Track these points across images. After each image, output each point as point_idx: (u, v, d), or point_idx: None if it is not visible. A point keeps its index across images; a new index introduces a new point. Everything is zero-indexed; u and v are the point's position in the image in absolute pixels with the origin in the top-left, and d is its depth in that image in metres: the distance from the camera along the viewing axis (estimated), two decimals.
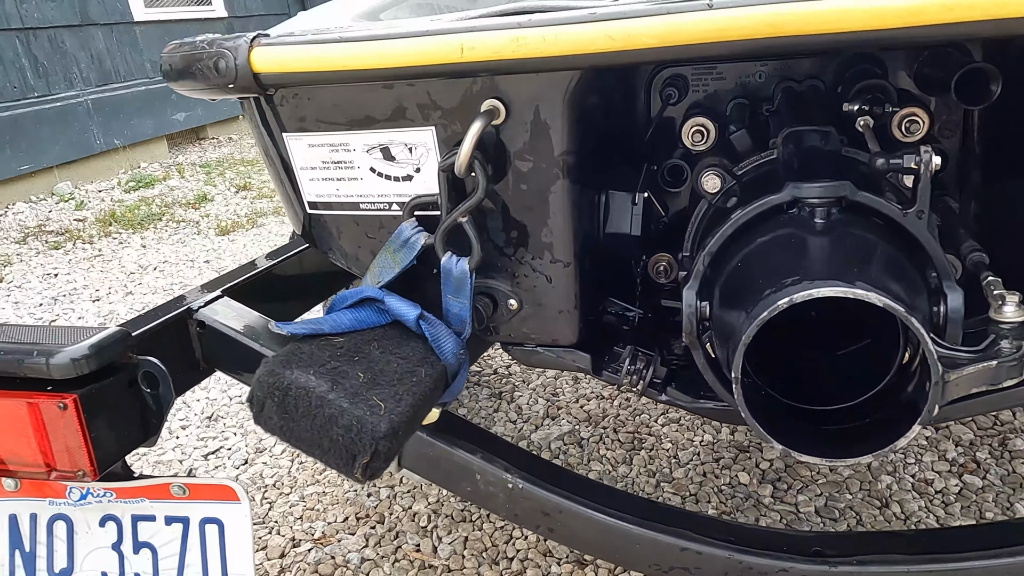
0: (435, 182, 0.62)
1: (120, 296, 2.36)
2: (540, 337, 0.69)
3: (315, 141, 0.64)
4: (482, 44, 0.51)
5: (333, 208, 0.68)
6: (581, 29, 0.49)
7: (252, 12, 5.40)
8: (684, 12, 0.47)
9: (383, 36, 0.54)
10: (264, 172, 4.03)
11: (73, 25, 3.95)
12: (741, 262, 0.57)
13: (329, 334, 0.61)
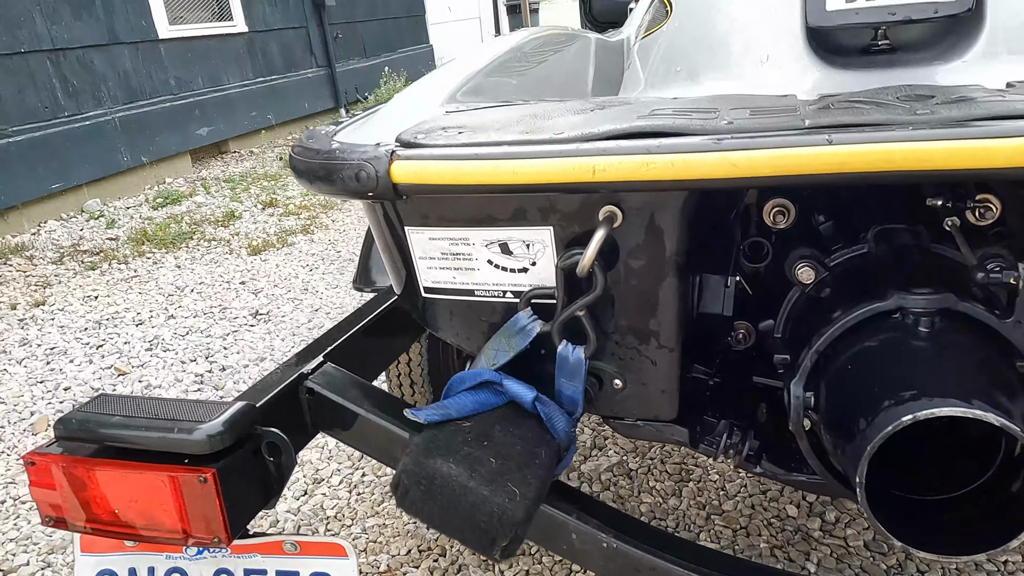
0: (549, 274, 0.67)
1: (162, 320, 2.42)
2: (641, 413, 0.73)
3: (436, 235, 0.69)
4: (613, 167, 0.55)
5: (448, 293, 0.73)
6: (707, 158, 0.53)
7: (271, 26, 5.46)
8: (805, 146, 0.51)
9: (517, 155, 0.58)
10: (289, 188, 4.09)
11: (101, 44, 4.01)
12: (850, 364, 0.61)
13: (456, 418, 0.66)
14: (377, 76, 6.91)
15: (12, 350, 2.25)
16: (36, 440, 1.75)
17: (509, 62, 1.00)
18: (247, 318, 2.40)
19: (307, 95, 5.86)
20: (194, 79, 4.69)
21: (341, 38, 6.34)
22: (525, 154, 0.59)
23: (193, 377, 1.99)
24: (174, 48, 4.53)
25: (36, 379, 2.04)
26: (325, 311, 2.43)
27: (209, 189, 4.15)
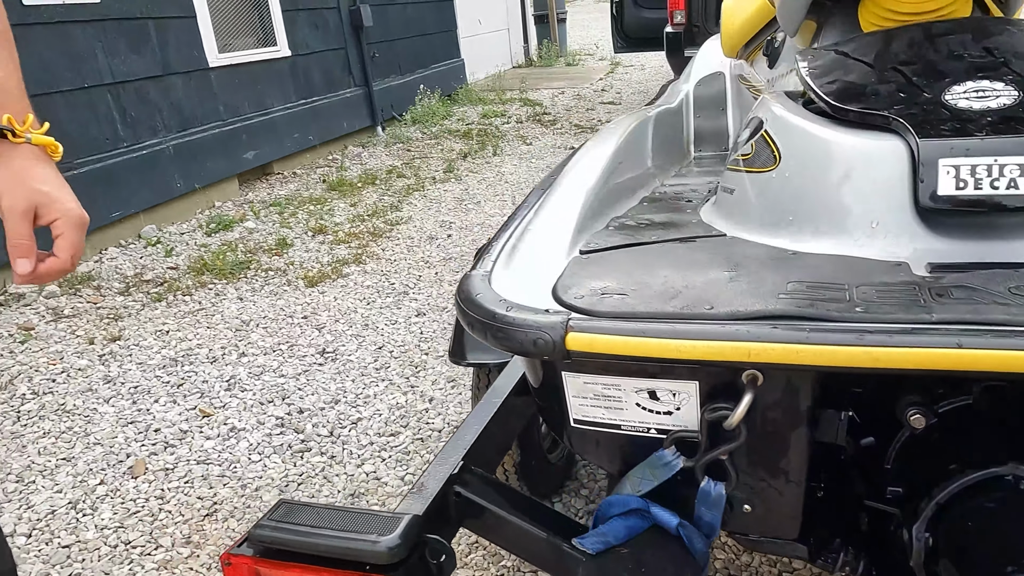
0: (692, 419, 0.76)
1: (235, 357, 2.54)
2: (765, 531, 0.83)
3: (590, 380, 0.79)
4: (766, 352, 0.65)
5: (596, 426, 0.82)
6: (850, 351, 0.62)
7: (313, 49, 5.58)
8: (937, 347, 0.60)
9: (680, 334, 0.68)
10: (335, 214, 4.21)
11: (156, 76, 4.15)
12: (970, 521, 0.70)
13: (615, 545, 0.76)
14: (411, 93, 7.04)
15: (98, 388, 2.38)
16: (137, 484, 1.87)
17: (615, 167, 1.09)
18: (315, 356, 2.51)
19: (346, 114, 5.99)
20: (241, 104, 4.83)
21: (378, 57, 6.46)
22: (687, 334, 0.68)
23: (274, 420, 2.11)
24: (223, 75, 4.67)
25: (126, 420, 2.17)
26: (388, 349, 2.54)
27: (258, 214, 4.28)
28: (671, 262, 0.84)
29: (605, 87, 8.31)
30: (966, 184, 0.72)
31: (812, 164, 0.84)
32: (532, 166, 5.04)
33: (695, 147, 2.06)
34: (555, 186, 1.13)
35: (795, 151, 0.86)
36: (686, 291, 0.75)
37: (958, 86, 0.80)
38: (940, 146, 0.74)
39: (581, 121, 6.45)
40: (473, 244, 3.60)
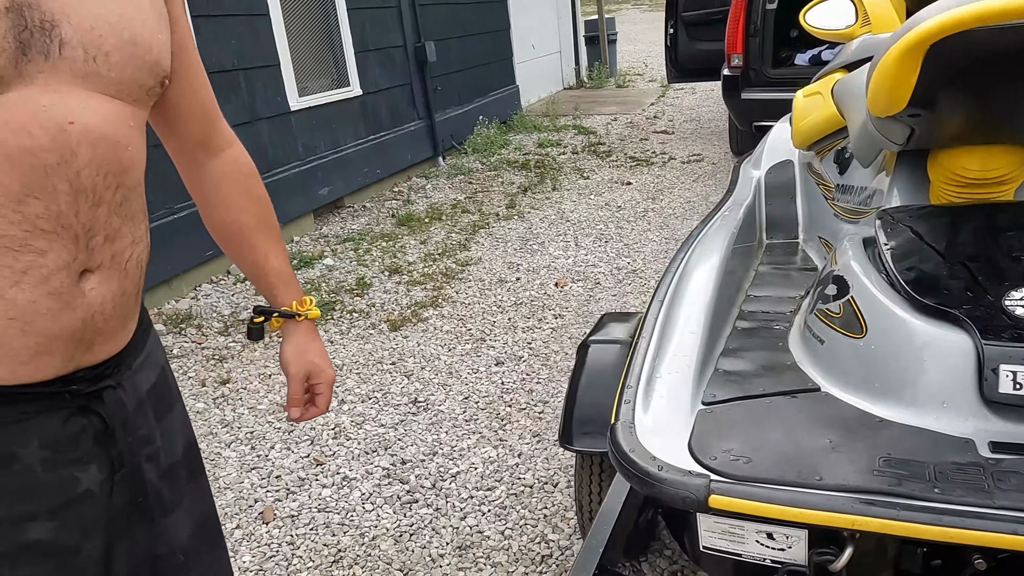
0: (801, 554, 0.97)
1: (335, 404, 2.80)
2: None
3: (720, 520, 1.00)
4: (867, 523, 0.85)
5: (721, 551, 1.03)
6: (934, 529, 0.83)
7: (381, 87, 5.87)
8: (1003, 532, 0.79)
9: (801, 503, 0.89)
10: (407, 252, 4.47)
11: (245, 123, 4.47)
12: None
13: None
14: (470, 122, 7.30)
15: (218, 432, 2.66)
16: (268, 529, 2.13)
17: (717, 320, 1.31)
18: (408, 406, 2.76)
19: (410, 147, 6.27)
20: (317, 144, 5.13)
21: (440, 90, 6.73)
22: (804, 503, 0.89)
23: (381, 471, 2.36)
24: (302, 118, 4.98)
25: (249, 465, 2.44)
26: (474, 400, 2.77)
27: (335, 251, 4.57)
28: (780, 421, 1.05)
29: (657, 113, 8.48)
30: (1022, 386, 0.91)
31: (895, 343, 1.04)
32: (591, 203, 5.24)
33: (767, 233, 2.25)
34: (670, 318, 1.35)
35: (880, 328, 1.06)
36: (797, 458, 0.96)
37: (1016, 292, 0.99)
38: (1002, 352, 0.93)
39: (636, 153, 6.64)
40: (541, 288, 3.83)
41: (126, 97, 0.81)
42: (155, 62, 0.82)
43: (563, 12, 10.47)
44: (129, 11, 0.79)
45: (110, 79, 0.78)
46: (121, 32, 0.78)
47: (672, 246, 4.29)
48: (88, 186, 0.76)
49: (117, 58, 0.78)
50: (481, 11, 7.70)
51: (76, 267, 0.77)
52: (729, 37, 5.29)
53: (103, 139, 0.77)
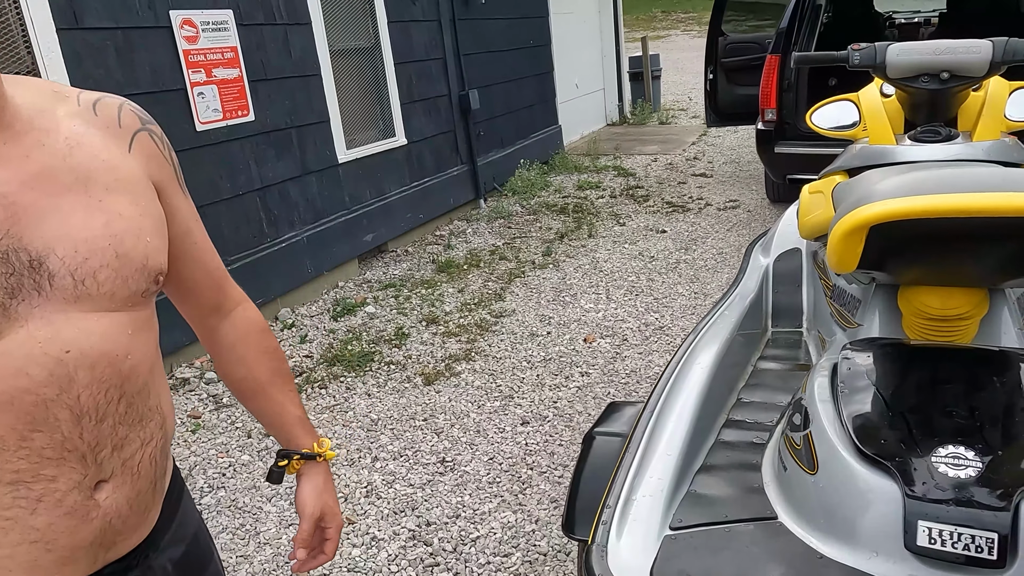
0: None
1: (368, 461, 2.99)
2: None
3: None
4: None
5: None
6: None
7: (425, 135, 6.13)
8: None
9: None
10: (445, 302, 4.67)
11: (296, 177, 4.75)
12: None
13: None
14: (512, 164, 7.52)
15: (261, 485, 2.88)
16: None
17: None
18: (436, 465, 2.94)
19: (452, 191, 6.50)
20: (363, 193, 5.40)
21: (483, 135, 6.97)
22: None
23: (407, 532, 2.54)
24: (349, 169, 5.25)
25: (287, 521, 2.64)
26: (498, 461, 2.94)
27: (377, 299, 4.79)
28: (735, 552, 1.18)
29: (698, 154, 8.57)
30: (936, 542, 1.03)
31: (839, 484, 1.16)
32: (625, 252, 5.38)
33: (773, 321, 2.37)
34: (659, 422, 1.49)
35: (829, 469, 1.19)
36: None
37: (943, 448, 1.11)
38: (921, 507, 1.05)
39: (673, 197, 6.75)
40: (570, 343, 3.98)
41: (121, 307, 0.83)
42: (146, 267, 0.84)
43: (607, 50, 10.66)
44: (116, 226, 0.82)
45: (101, 296, 0.80)
46: (106, 250, 0.80)
47: (701, 302, 4.40)
48: (90, 407, 0.79)
49: (106, 275, 0.80)
50: (525, 56, 7.93)
51: (87, 483, 0.80)
52: (763, 91, 5.39)
53: (101, 358, 0.80)
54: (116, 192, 0.84)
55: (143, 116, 0.95)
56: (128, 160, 0.89)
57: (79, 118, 0.87)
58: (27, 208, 0.77)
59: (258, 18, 4.39)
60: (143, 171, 0.90)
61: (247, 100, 4.32)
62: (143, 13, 3.70)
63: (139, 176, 0.89)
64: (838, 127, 2.26)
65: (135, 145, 0.90)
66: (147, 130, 0.94)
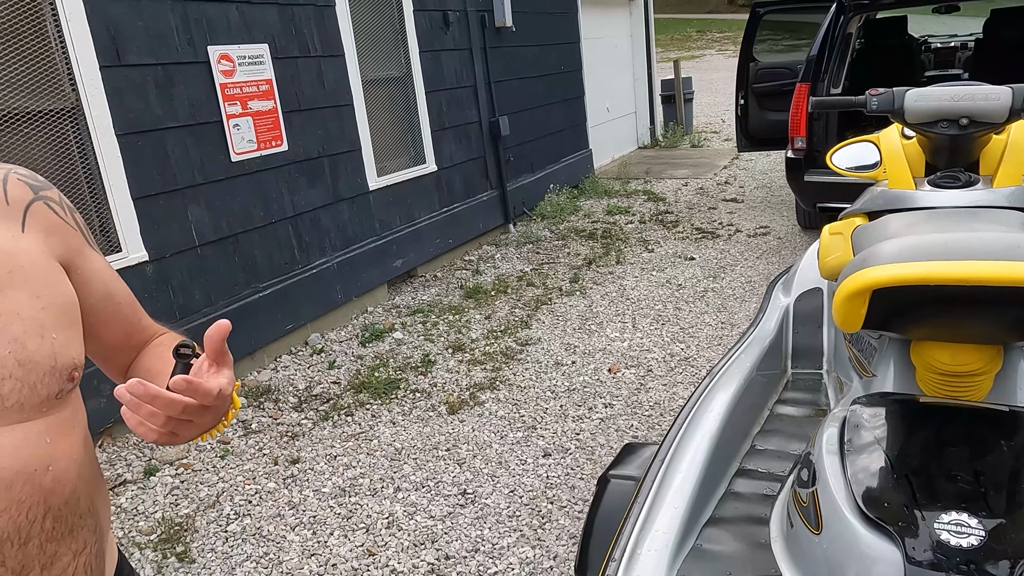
0: None
1: (391, 491, 3.02)
2: None
3: None
4: None
5: None
6: None
7: (456, 162, 6.21)
8: None
9: None
10: (471, 329, 4.71)
11: (327, 204, 4.84)
12: None
13: None
14: (542, 188, 7.57)
15: (285, 513, 2.93)
16: None
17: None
18: (457, 497, 2.96)
19: (481, 216, 6.56)
20: (393, 219, 5.48)
21: (512, 160, 7.03)
22: None
23: (426, 565, 2.56)
24: (380, 196, 5.34)
25: (309, 551, 2.69)
26: (519, 494, 2.95)
27: (405, 324, 4.85)
28: None
29: (728, 179, 8.54)
30: None
31: (843, 547, 1.16)
32: (653, 279, 5.37)
33: (793, 362, 2.36)
34: (671, 468, 1.50)
35: (833, 530, 1.19)
36: None
37: (945, 515, 1.10)
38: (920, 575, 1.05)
39: (703, 223, 6.73)
40: (594, 373, 3.98)
41: (32, 416, 0.73)
42: (55, 368, 0.75)
43: (640, 74, 10.69)
44: (13, 329, 0.72)
45: (7, 409, 0.71)
46: (6, 359, 0.71)
47: (727, 332, 4.38)
48: (11, 531, 0.71)
49: (10, 387, 0.71)
50: (555, 81, 8.00)
51: None
52: (792, 119, 5.37)
53: (17, 476, 0.71)
54: (11, 287, 0.74)
55: (35, 183, 0.84)
56: (23, 241, 0.77)
57: None
58: None
59: (293, 51, 4.52)
60: (42, 250, 0.79)
61: (281, 130, 4.44)
62: (183, 49, 3.83)
63: (38, 259, 0.78)
64: (859, 167, 2.25)
65: (29, 220, 0.79)
66: (41, 199, 0.82)
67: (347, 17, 4.92)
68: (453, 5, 6.11)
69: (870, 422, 1.32)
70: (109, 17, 3.46)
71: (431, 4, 5.81)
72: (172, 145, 3.79)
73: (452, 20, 6.07)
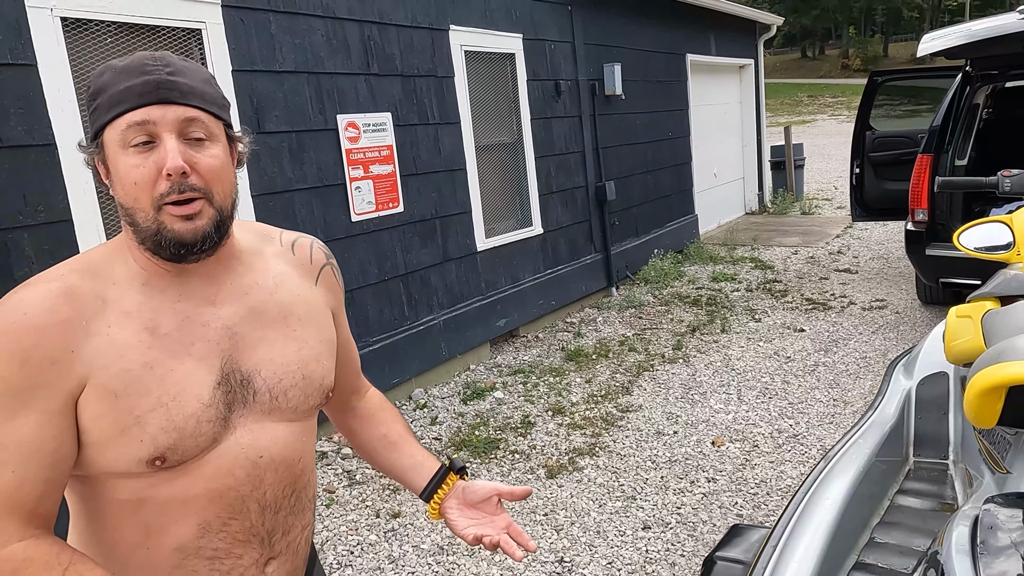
0: None
1: (487, 554, 3.03)
2: None
3: None
4: None
5: None
6: None
7: (561, 225, 6.31)
8: None
9: None
10: (572, 392, 4.71)
11: (437, 263, 5.01)
12: None
13: None
14: (646, 253, 7.55)
15: (385, 567, 2.98)
16: None
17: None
18: (554, 564, 2.93)
19: (584, 278, 6.61)
20: (498, 279, 5.60)
21: (617, 224, 7.08)
22: None
23: None
24: (487, 257, 5.48)
25: None
26: (617, 567, 2.89)
27: (506, 384, 4.90)
28: None
29: (842, 248, 8.26)
30: None
31: None
32: (759, 350, 5.23)
33: (915, 450, 2.24)
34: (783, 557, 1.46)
35: None
36: None
37: None
38: None
39: (813, 294, 6.52)
40: (697, 445, 3.89)
41: (300, 418, 1.04)
42: (321, 386, 1.06)
43: (748, 139, 10.60)
44: (303, 354, 1.04)
45: (288, 409, 1.02)
46: (295, 373, 1.02)
47: (840, 410, 4.19)
48: (271, 501, 1.01)
49: (294, 393, 1.02)
50: (663, 148, 8.05)
51: (262, 560, 1.02)
52: (913, 190, 5.18)
53: (283, 463, 1.01)
54: (306, 323, 1.06)
55: (327, 252, 1.16)
56: (315, 293, 1.10)
57: (282, 258, 1.08)
58: (244, 338, 0.99)
59: (412, 119, 4.77)
60: (324, 301, 1.11)
61: (398, 193, 4.67)
62: (314, 118, 4.13)
63: (321, 306, 1.10)
64: (989, 248, 2.16)
65: (321, 278, 1.12)
66: (330, 264, 1.15)
67: (464, 87, 5.17)
68: (565, 75, 6.31)
69: (1007, 523, 1.24)
70: (253, 89, 3.79)
71: (543, 74, 6.03)
72: (300, 205, 4.05)
73: (563, 89, 6.26)
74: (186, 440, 0.92)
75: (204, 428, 0.93)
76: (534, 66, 5.90)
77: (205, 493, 0.95)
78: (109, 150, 0.90)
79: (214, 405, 0.94)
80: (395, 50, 4.63)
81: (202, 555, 0.97)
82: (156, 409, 0.90)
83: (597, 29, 6.71)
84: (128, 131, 0.87)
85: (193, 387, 0.93)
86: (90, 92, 0.91)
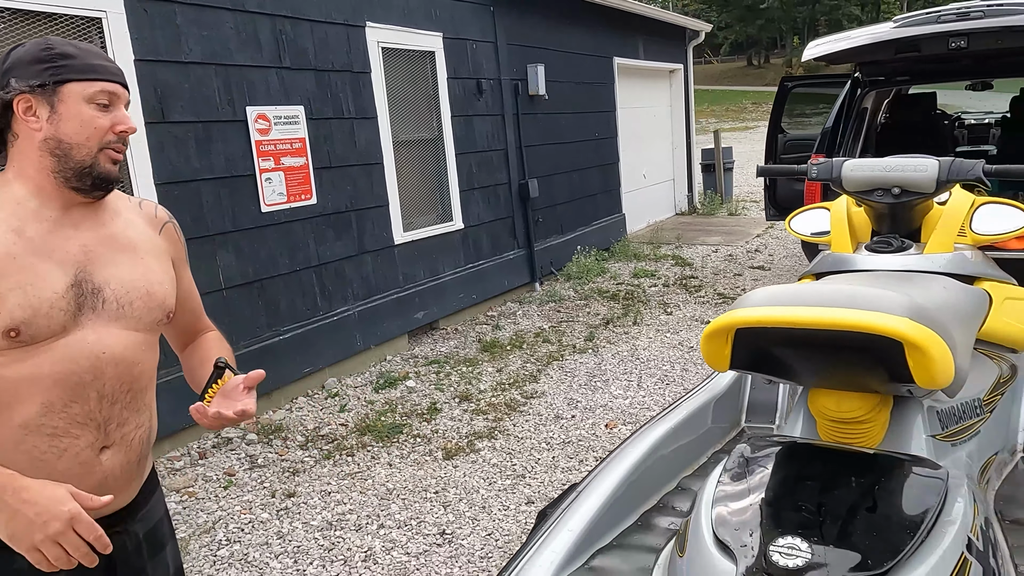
0: None
1: (375, 528, 3.15)
2: None
3: None
4: None
5: None
6: None
7: (483, 221, 6.46)
8: None
9: None
10: (482, 380, 4.85)
11: (352, 256, 5.11)
12: None
13: None
14: (571, 249, 7.75)
15: (272, 542, 3.07)
16: None
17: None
18: (436, 536, 3.06)
19: (507, 274, 6.76)
20: (417, 273, 5.72)
21: (541, 221, 7.25)
22: None
23: None
24: (405, 250, 5.59)
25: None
26: (495, 537, 3.04)
27: (420, 374, 5.02)
28: None
29: (759, 247, 8.59)
30: None
31: (695, 568, 1.26)
32: (666, 341, 5.45)
33: (747, 417, 2.43)
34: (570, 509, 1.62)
35: (692, 554, 1.28)
36: None
37: (781, 539, 1.19)
38: None
39: (726, 289, 6.79)
40: (592, 428, 4.06)
41: (142, 329, 1.27)
42: (163, 304, 1.30)
43: (678, 142, 10.92)
44: (149, 276, 1.29)
45: (132, 319, 1.24)
46: (141, 289, 1.26)
47: None
48: (109, 393, 1.21)
49: (139, 305, 1.25)
50: (589, 148, 8.27)
51: (97, 445, 1.20)
52: (808, 189, 5.47)
53: (123, 361, 1.22)
54: (151, 257, 1.31)
55: (169, 215, 1.43)
56: (158, 240, 1.36)
57: (132, 211, 1.35)
58: (99, 257, 1.22)
59: (327, 113, 4.87)
60: (165, 249, 1.37)
61: (311, 185, 4.75)
62: (223, 109, 4.19)
63: (163, 251, 1.36)
64: (814, 233, 2.38)
65: (164, 232, 1.38)
66: (171, 222, 1.42)
67: (381, 83, 5.28)
68: (488, 74, 6.46)
69: (748, 459, 1.42)
70: (157, 79, 3.84)
71: (465, 73, 6.17)
72: (206, 194, 4.11)
73: (485, 88, 6.41)
74: (39, 319, 1.12)
75: (55, 314, 1.14)
76: (455, 64, 6.04)
77: (51, 375, 1.14)
78: (70, 98, 1.17)
79: (66, 298, 1.16)
80: (308, 44, 4.71)
81: (43, 432, 1.14)
82: (14, 289, 1.11)
83: (522, 30, 6.88)
84: (98, 94, 1.19)
85: (49, 280, 1.15)
86: (52, 51, 1.17)
